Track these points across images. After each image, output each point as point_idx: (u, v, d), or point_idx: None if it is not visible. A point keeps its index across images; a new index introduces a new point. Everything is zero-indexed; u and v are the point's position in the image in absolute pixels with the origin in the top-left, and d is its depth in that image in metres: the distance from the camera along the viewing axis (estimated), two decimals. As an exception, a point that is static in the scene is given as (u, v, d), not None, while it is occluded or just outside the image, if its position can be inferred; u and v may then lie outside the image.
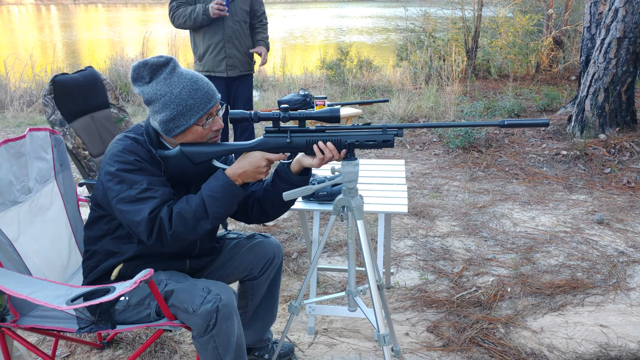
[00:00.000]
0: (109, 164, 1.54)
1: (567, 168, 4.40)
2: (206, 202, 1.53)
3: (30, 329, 1.68)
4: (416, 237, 3.26)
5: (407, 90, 7.15)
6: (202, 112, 1.57)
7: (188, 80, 1.57)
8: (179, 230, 1.50)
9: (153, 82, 1.57)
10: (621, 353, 2.20)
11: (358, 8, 34.81)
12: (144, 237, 1.50)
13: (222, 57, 3.50)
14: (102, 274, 1.68)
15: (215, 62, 3.51)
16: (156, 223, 1.49)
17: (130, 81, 1.62)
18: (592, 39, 5.50)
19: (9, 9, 39.64)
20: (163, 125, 1.57)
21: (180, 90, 1.55)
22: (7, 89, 7.29)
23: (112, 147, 1.58)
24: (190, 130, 1.59)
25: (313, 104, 3.01)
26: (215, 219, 1.55)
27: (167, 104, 1.55)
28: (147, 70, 1.57)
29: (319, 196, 2.19)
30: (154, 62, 1.56)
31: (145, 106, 1.62)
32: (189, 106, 1.55)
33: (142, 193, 1.50)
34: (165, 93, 1.55)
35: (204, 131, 1.60)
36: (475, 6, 8.77)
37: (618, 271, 2.82)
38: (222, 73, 3.54)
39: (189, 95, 1.55)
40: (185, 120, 1.56)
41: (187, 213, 1.51)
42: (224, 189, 1.55)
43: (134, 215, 1.50)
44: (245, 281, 1.94)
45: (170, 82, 1.56)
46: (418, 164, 4.63)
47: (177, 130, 1.58)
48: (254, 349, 2.12)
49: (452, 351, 2.22)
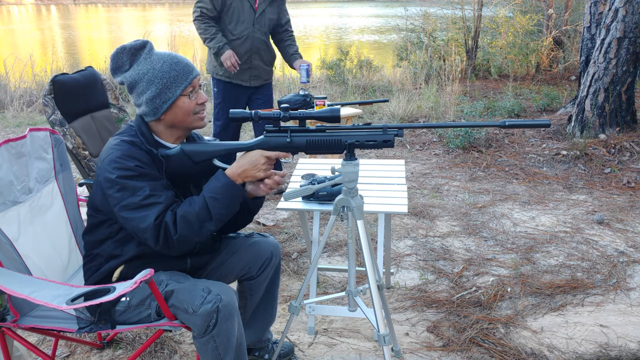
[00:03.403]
0: (109, 171, 1.52)
1: (567, 168, 4.40)
2: (209, 203, 1.53)
3: (30, 329, 1.68)
4: (416, 237, 3.26)
5: (407, 90, 7.15)
6: (186, 82, 1.60)
7: (167, 56, 1.61)
8: (184, 233, 1.51)
9: (133, 66, 1.60)
10: (621, 353, 2.20)
11: (358, 8, 34.80)
12: (152, 244, 1.52)
13: (247, 67, 3.49)
14: (103, 276, 1.67)
15: (241, 71, 3.47)
16: (162, 229, 1.50)
17: (110, 73, 1.64)
18: (592, 39, 5.50)
19: (9, 9, 39.63)
20: (150, 103, 1.59)
21: (161, 64, 1.59)
22: (7, 89, 7.29)
23: (109, 152, 1.56)
24: (177, 103, 1.60)
25: (313, 104, 3.01)
26: (218, 220, 1.55)
27: (151, 79, 1.58)
28: (126, 55, 1.60)
29: (319, 196, 2.19)
30: (132, 46, 1.60)
31: (129, 94, 1.63)
32: (173, 78, 1.59)
33: (146, 199, 1.51)
34: (148, 70, 1.58)
35: (190, 103, 1.62)
36: (475, 6, 8.77)
37: (618, 271, 2.82)
38: (245, 82, 3.54)
39: (171, 67, 1.59)
40: (171, 93, 1.59)
41: (190, 216, 1.52)
42: (225, 189, 1.55)
43: (139, 222, 1.50)
44: (243, 281, 1.94)
45: (151, 61, 1.60)
46: (418, 164, 4.63)
47: (165, 106, 1.59)
48: (253, 350, 2.11)
49: (452, 351, 2.22)
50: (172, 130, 1.66)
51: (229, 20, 3.41)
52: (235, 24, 3.41)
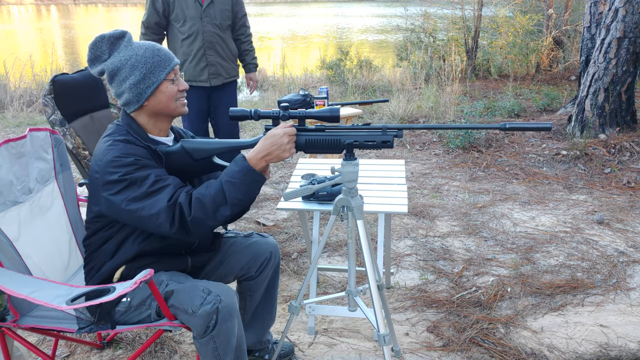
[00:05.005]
0: (109, 173, 1.49)
1: (567, 168, 4.40)
2: (225, 187, 1.51)
3: (30, 329, 1.68)
4: (416, 237, 3.26)
5: (407, 90, 7.15)
6: (169, 67, 1.61)
7: (148, 44, 1.63)
8: (199, 216, 1.49)
9: (113, 54, 1.60)
10: (621, 353, 2.20)
11: (358, 8, 34.80)
12: (167, 227, 1.48)
13: (203, 65, 3.25)
14: (104, 277, 1.66)
15: (197, 71, 3.25)
16: (176, 210, 1.48)
17: (88, 64, 1.62)
18: (592, 39, 5.50)
19: (9, 9, 39.63)
20: (134, 88, 1.58)
21: (144, 51, 1.60)
22: (7, 89, 7.29)
23: (104, 154, 1.52)
24: (160, 88, 1.61)
25: (313, 104, 3.01)
26: (234, 205, 1.52)
27: (134, 65, 1.58)
28: (106, 43, 1.60)
29: (319, 196, 2.20)
30: (112, 35, 1.60)
31: (109, 84, 1.62)
32: (156, 63, 1.60)
33: (153, 186, 1.49)
34: (130, 57, 1.59)
35: (173, 88, 1.63)
36: (475, 6, 8.77)
37: (618, 271, 2.82)
38: (204, 82, 3.29)
39: (154, 53, 1.60)
40: (155, 77, 1.59)
41: (205, 199, 1.50)
42: (243, 174, 1.53)
43: (150, 208, 1.48)
44: (242, 281, 1.94)
45: (132, 48, 1.60)
46: (418, 164, 4.63)
47: (149, 91, 1.59)
48: (254, 350, 2.11)
49: (452, 351, 2.22)
50: (156, 120, 1.65)
51: (176, 20, 3.21)
52: (183, 22, 3.20)
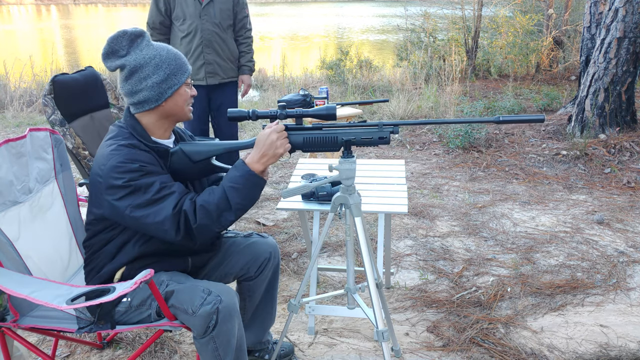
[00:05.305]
0: (113, 178, 1.49)
1: (567, 168, 4.40)
2: (228, 193, 1.52)
3: (30, 329, 1.68)
4: (416, 237, 3.26)
5: (407, 90, 7.15)
6: (187, 72, 1.64)
7: (167, 46, 1.64)
8: (204, 222, 1.50)
9: (132, 51, 1.59)
10: (621, 353, 2.20)
11: (358, 8, 34.80)
12: (172, 234, 1.49)
13: (200, 63, 3.27)
14: (105, 278, 1.66)
15: (194, 69, 3.28)
16: (181, 217, 1.49)
17: (102, 57, 1.60)
18: (592, 39, 5.50)
19: (9, 9, 39.63)
20: (156, 87, 1.58)
21: (167, 52, 1.61)
22: (7, 89, 7.29)
23: (108, 158, 1.51)
24: (179, 91, 1.62)
25: (313, 104, 3.01)
26: (238, 209, 1.53)
27: (159, 64, 1.58)
28: (127, 39, 1.59)
29: (318, 196, 2.20)
30: (133, 32, 1.59)
31: (124, 81, 1.60)
32: (179, 65, 1.61)
33: (158, 193, 1.50)
34: (154, 56, 1.59)
35: (188, 93, 1.65)
36: (475, 6, 8.77)
37: (618, 271, 2.82)
38: (201, 81, 3.30)
39: (175, 56, 1.62)
40: (177, 79, 1.60)
41: (210, 205, 1.50)
42: (245, 179, 1.54)
43: (155, 216, 1.48)
44: (242, 282, 1.94)
45: (154, 48, 1.60)
46: (418, 164, 4.63)
47: (170, 92, 1.60)
48: (254, 350, 2.11)
49: (452, 351, 2.22)
50: (164, 121, 1.65)
51: (177, 18, 3.24)
52: (183, 20, 3.23)
